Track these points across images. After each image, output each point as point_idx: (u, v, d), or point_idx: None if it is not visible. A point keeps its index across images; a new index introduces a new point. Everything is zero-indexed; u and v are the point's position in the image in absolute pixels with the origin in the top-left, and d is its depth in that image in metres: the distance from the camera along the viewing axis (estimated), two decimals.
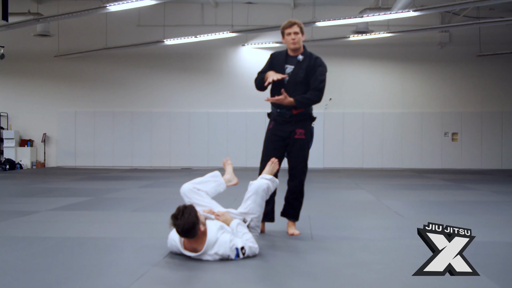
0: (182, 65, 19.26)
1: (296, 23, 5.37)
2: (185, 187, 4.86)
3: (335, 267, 4.14)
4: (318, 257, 4.49)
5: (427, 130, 18.78)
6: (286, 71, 5.40)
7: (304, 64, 5.35)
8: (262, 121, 18.68)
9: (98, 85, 19.41)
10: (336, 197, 9.28)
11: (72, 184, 11.82)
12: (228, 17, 17.68)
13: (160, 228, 5.78)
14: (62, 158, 19.21)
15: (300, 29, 5.37)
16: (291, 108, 5.33)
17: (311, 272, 4.00)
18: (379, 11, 14.36)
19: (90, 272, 3.96)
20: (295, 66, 5.38)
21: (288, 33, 5.38)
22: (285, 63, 5.43)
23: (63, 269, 4.04)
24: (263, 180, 4.83)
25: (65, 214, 7.00)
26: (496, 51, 18.43)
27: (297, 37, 5.35)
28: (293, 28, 5.35)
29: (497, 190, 10.55)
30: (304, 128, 5.41)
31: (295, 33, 5.35)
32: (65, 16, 14.19)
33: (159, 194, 9.72)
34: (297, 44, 5.37)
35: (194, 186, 4.88)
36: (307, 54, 5.42)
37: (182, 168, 18.39)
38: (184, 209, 4.15)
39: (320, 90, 5.31)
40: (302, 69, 5.34)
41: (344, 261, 4.36)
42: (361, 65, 19.13)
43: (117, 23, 18.67)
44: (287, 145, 5.45)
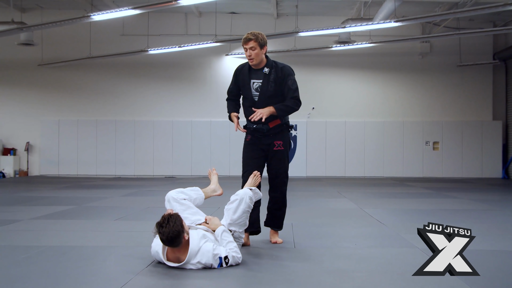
0: (166, 74, 19.28)
1: (252, 38, 5.11)
2: (170, 194, 4.92)
3: (317, 275, 4.20)
4: (300, 265, 4.56)
5: (409, 139, 18.96)
6: (254, 86, 5.31)
7: (271, 77, 5.22)
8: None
9: (82, 94, 19.36)
10: (319, 206, 9.35)
11: (55, 192, 11.78)
12: (211, 26, 17.74)
13: (144, 237, 5.82)
14: (45, 167, 19.10)
15: (258, 43, 5.12)
16: (266, 123, 5.25)
17: (293, 280, 4.06)
18: (361, 22, 14.52)
19: (73, 281, 3.98)
20: (263, 80, 5.24)
21: (245, 48, 5.19)
22: (251, 78, 5.30)
23: (46, 278, 4.05)
24: (247, 190, 4.88)
25: (48, 223, 7.00)
26: (476, 61, 18.69)
27: (253, 53, 5.13)
28: (249, 44, 5.13)
29: (477, 199, 10.69)
30: (282, 140, 5.39)
31: (251, 49, 5.12)
32: (49, 25, 14.18)
33: (142, 202, 9.73)
34: (255, 60, 5.18)
35: (178, 193, 4.93)
36: (272, 65, 5.27)
37: (165, 177, 18.37)
38: (170, 217, 4.18)
39: (297, 98, 5.25)
40: (270, 82, 5.22)
41: (326, 269, 4.42)
42: (344, 75, 19.29)
43: (101, 32, 18.66)
44: (266, 156, 5.43)
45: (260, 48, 5.13)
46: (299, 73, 21.14)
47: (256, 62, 5.19)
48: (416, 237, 5.85)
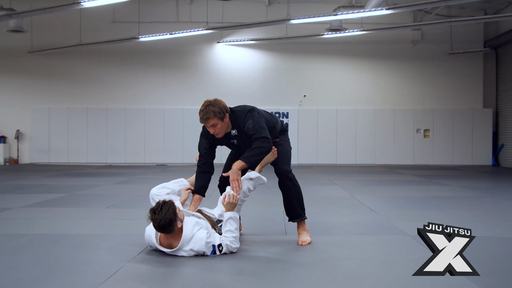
0: (157, 61, 19.20)
1: (209, 117, 4.68)
2: (152, 191, 4.93)
3: (308, 263, 4.22)
4: (292, 253, 4.57)
5: (400, 127, 19.02)
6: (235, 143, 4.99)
7: (242, 134, 4.88)
8: None
9: (72, 82, 19.26)
10: (311, 193, 9.36)
11: (46, 180, 11.73)
12: (203, 14, 17.66)
13: (135, 225, 5.81)
14: (36, 155, 19.02)
15: (217, 118, 4.69)
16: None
17: (284, 268, 4.07)
18: (353, 9, 14.48)
19: (64, 269, 3.98)
20: (237, 140, 4.94)
21: (206, 126, 4.82)
22: (227, 139, 4.96)
23: (37, 267, 4.04)
24: (245, 183, 4.84)
25: (39, 211, 6.97)
26: (467, 49, 18.74)
27: (217, 128, 4.75)
28: (209, 122, 4.72)
29: (467, 186, 10.75)
30: (278, 138, 5.19)
31: (213, 126, 4.74)
32: (39, 11, 14.05)
33: (133, 190, 9.71)
34: (221, 133, 4.82)
35: (160, 189, 4.93)
36: (236, 124, 4.87)
37: (157, 165, 18.34)
38: (164, 204, 4.19)
39: (263, 137, 4.72)
40: (243, 138, 4.89)
41: (317, 256, 4.43)
42: (335, 63, 19.28)
43: (92, 19, 18.54)
44: None
45: (222, 120, 4.72)
46: (290, 60, 21.14)
47: (224, 131, 4.84)
48: (407, 224, 5.90)
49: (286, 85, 19.11)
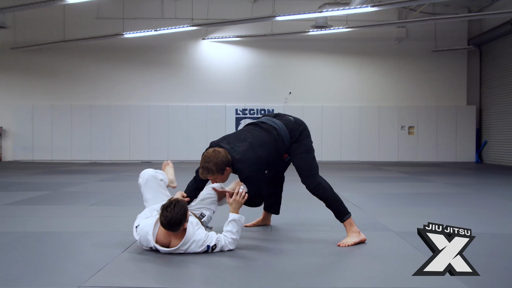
0: (142, 58, 19.12)
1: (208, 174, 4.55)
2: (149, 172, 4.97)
3: (294, 259, 4.23)
4: (278, 249, 4.58)
5: (384, 124, 19.12)
6: None
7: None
8: (222, 115, 18.73)
9: (56, 78, 19.12)
10: (295, 190, 9.37)
11: (30, 178, 11.65)
12: (188, 10, 17.61)
13: (120, 222, 5.79)
14: (19, 152, 18.87)
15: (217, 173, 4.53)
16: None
17: (270, 265, 4.08)
18: (338, 6, 14.54)
19: (49, 267, 3.96)
20: None
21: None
22: None
23: (21, 265, 4.02)
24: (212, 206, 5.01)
25: (23, 209, 6.92)
26: (451, 47, 18.86)
27: (217, 180, 4.65)
28: (208, 178, 4.63)
29: (451, 182, 10.83)
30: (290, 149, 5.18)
31: (215, 180, 4.64)
32: (22, 7, 13.93)
33: (118, 188, 9.68)
34: (224, 182, 4.78)
35: (157, 173, 4.99)
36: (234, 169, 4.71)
37: (142, 162, 18.28)
38: (177, 203, 4.16)
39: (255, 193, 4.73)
40: None
41: (303, 252, 4.45)
42: (320, 60, 19.32)
43: (76, 15, 18.42)
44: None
45: (222, 173, 4.56)
46: (276, 57, 21.14)
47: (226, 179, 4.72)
48: (392, 220, 5.94)
49: (272, 82, 19.13)
